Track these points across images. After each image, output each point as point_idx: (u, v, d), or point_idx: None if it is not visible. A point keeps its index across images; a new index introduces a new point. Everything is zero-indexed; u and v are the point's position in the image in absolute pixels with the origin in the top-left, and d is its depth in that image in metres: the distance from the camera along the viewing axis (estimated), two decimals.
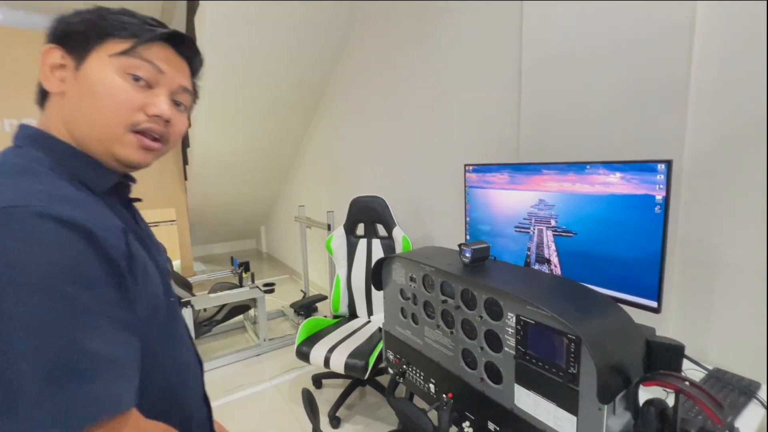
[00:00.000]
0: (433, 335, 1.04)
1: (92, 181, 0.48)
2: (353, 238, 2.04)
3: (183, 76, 0.53)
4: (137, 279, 0.44)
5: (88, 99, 0.47)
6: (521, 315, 0.77)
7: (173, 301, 0.55)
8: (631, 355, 0.73)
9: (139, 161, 0.50)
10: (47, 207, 0.38)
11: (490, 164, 1.16)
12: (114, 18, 0.48)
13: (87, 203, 0.44)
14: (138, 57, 0.47)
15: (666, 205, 0.77)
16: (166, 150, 0.54)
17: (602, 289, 0.91)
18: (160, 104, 0.49)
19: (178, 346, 0.55)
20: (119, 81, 0.47)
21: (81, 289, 0.37)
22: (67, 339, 0.36)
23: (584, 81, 1.22)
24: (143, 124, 0.48)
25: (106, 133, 0.47)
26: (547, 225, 1.01)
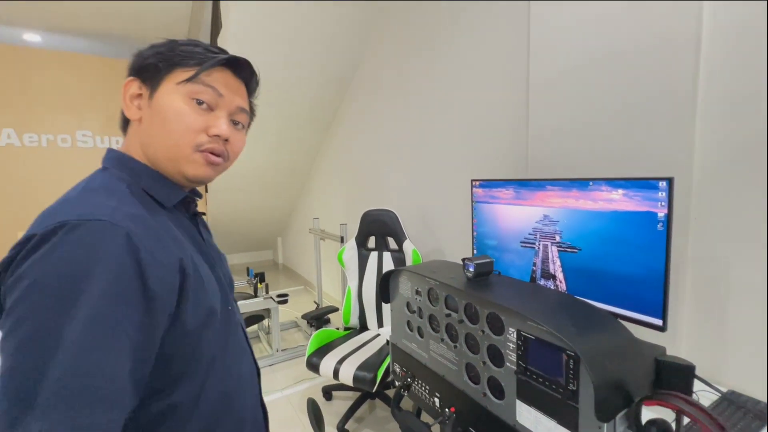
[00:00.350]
0: (438, 349, 1.05)
1: (162, 196, 0.54)
2: (364, 251, 2.07)
3: (240, 98, 0.58)
4: (188, 295, 0.48)
5: (160, 124, 0.53)
6: (522, 330, 0.78)
7: (231, 311, 0.59)
8: (634, 373, 0.72)
9: (205, 177, 0.56)
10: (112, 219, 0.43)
11: (495, 180, 1.18)
12: (181, 49, 0.54)
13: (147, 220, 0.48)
14: (200, 83, 0.53)
15: (668, 222, 0.77)
16: (226, 166, 0.59)
17: (608, 306, 0.91)
18: (220, 125, 0.54)
19: (235, 353, 0.58)
20: (185, 106, 0.52)
21: (113, 306, 0.40)
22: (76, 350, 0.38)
23: (592, 96, 1.23)
24: (206, 145, 0.54)
25: (176, 154, 0.53)
26: (551, 240, 1.02)
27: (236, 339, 0.60)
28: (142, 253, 0.43)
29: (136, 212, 0.47)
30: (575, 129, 1.28)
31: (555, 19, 1.31)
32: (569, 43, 1.27)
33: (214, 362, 0.53)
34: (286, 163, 3.64)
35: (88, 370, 0.38)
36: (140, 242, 0.44)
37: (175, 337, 0.47)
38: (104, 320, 0.40)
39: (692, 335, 1.05)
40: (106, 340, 0.39)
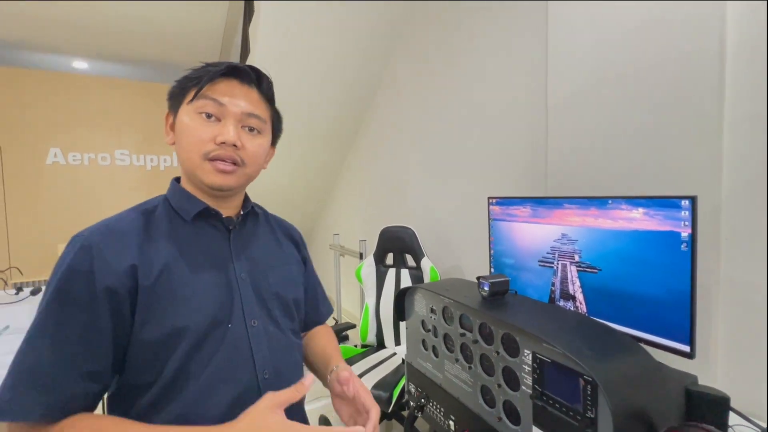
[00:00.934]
0: (452, 369, 1.02)
1: (184, 210, 0.60)
2: (382, 268, 2.07)
3: (248, 103, 0.60)
4: (144, 307, 0.51)
5: (179, 141, 0.59)
6: (537, 353, 0.76)
7: (233, 330, 0.56)
8: (659, 402, 0.68)
9: (220, 184, 0.59)
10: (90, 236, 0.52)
11: (512, 197, 1.17)
12: (191, 73, 0.59)
13: (132, 235, 0.55)
14: (203, 97, 0.57)
15: (693, 242, 0.74)
16: (249, 171, 0.62)
17: (630, 329, 0.87)
18: (226, 133, 0.57)
19: (218, 378, 0.54)
20: (193, 121, 0.57)
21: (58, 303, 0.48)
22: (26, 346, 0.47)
23: (612, 112, 1.21)
24: (214, 152, 0.57)
25: (191, 165, 0.58)
26: (570, 260, 0.99)
27: (227, 361, 0.55)
28: (95, 262, 0.49)
29: (117, 227, 0.54)
30: (595, 146, 1.26)
31: (574, 35, 1.31)
32: (588, 60, 1.27)
33: (177, 382, 0.52)
34: (307, 181, 3.73)
35: (31, 358, 0.46)
36: (99, 253, 0.50)
37: (133, 344, 0.51)
38: (48, 317, 0.47)
39: (727, 364, 0.99)
40: (45, 333, 0.47)
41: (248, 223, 0.69)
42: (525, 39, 1.57)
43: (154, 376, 0.52)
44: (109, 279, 0.49)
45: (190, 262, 0.56)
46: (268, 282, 0.64)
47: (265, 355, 0.60)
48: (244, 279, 0.61)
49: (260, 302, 0.62)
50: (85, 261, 0.49)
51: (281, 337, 0.63)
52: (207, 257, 0.59)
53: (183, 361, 0.52)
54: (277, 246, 0.72)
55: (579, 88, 1.31)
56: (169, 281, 0.53)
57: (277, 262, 0.69)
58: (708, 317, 0.99)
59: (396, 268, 2.03)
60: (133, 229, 0.54)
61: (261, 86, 0.63)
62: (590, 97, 1.27)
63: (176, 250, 0.56)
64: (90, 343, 0.48)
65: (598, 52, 1.24)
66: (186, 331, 0.53)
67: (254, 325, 0.59)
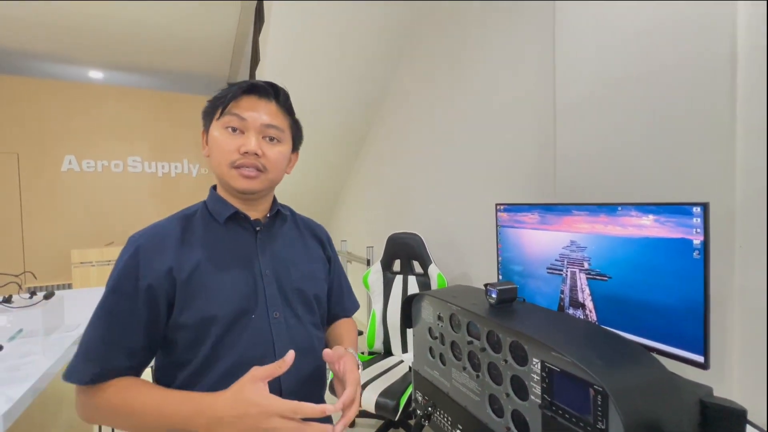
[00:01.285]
0: (460, 378, 1.01)
1: (217, 213, 0.69)
2: (390, 274, 2.07)
3: (267, 116, 0.68)
4: (180, 297, 0.61)
5: (211, 153, 0.69)
6: (546, 361, 0.74)
7: (256, 320, 0.65)
8: (671, 413, 0.66)
9: (246, 188, 0.67)
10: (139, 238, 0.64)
11: (520, 204, 1.16)
12: (219, 93, 0.69)
13: (172, 238, 0.65)
14: (228, 114, 0.66)
15: (705, 250, 0.73)
16: (271, 176, 0.70)
17: (642, 339, 0.85)
18: (248, 144, 0.65)
19: (241, 360, 0.62)
20: (221, 135, 0.66)
21: (113, 293, 0.60)
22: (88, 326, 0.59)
23: (621, 118, 1.20)
24: (239, 161, 0.66)
25: (221, 173, 0.67)
26: (579, 267, 0.98)
27: (250, 347, 0.64)
28: (141, 263, 0.61)
29: (161, 231, 0.65)
30: (604, 151, 1.25)
31: (581, 39, 1.31)
32: (596, 64, 1.26)
33: (209, 361, 0.61)
34: (315, 187, 3.76)
35: (89, 335, 0.59)
36: (145, 255, 0.61)
37: (175, 329, 0.61)
38: (104, 304, 0.60)
39: (743, 375, 0.96)
40: (100, 317, 0.59)
41: (275, 224, 0.76)
42: (532, 44, 1.57)
43: (192, 355, 0.62)
44: (150, 279, 0.60)
45: (220, 259, 0.65)
46: (291, 278, 0.71)
47: (285, 344, 0.66)
48: (268, 275, 0.68)
49: (282, 296, 0.69)
50: (134, 263, 0.61)
51: (301, 329, 0.70)
52: (235, 255, 0.67)
53: (214, 344, 0.61)
54: (302, 245, 0.79)
55: (587, 93, 1.30)
56: (201, 276, 0.62)
57: (300, 259, 0.75)
58: (723, 327, 0.96)
59: (403, 274, 2.02)
60: (172, 235, 0.65)
61: (279, 99, 0.71)
62: (598, 101, 1.27)
63: (209, 250, 0.65)
64: (131, 327, 0.59)
65: (606, 56, 1.23)
66: (215, 319, 0.62)
67: (276, 316, 0.67)
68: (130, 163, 4.64)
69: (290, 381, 0.66)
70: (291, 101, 0.74)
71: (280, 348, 0.66)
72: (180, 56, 4.38)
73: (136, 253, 0.61)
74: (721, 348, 0.96)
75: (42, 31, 3.68)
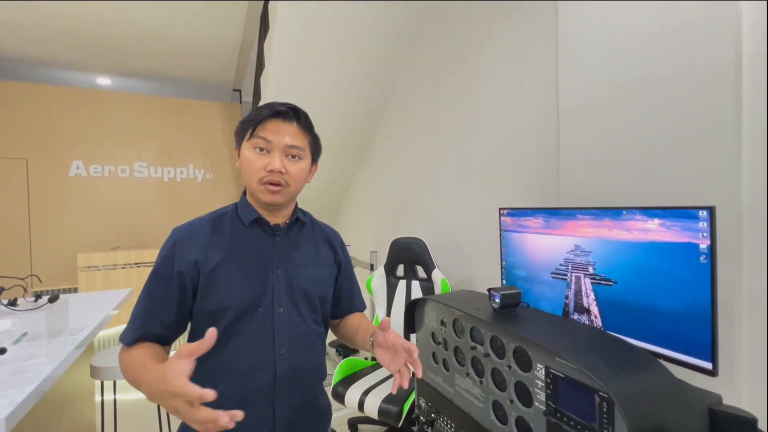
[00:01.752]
0: (463, 384, 1.00)
1: (244, 217, 0.80)
2: (393, 279, 2.06)
3: (290, 137, 0.77)
4: (201, 286, 0.73)
5: (243, 169, 0.79)
6: (550, 367, 0.73)
7: (262, 313, 0.75)
8: (680, 421, 0.65)
9: (270, 201, 0.78)
10: (178, 231, 0.77)
11: (524, 208, 1.15)
12: (248, 117, 0.79)
13: (203, 233, 0.77)
14: (255, 136, 0.76)
15: (712, 254, 0.72)
16: (292, 190, 0.79)
17: (648, 345, 0.84)
18: (273, 163, 0.75)
19: (244, 345, 0.74)
20: (250, 154, 0.76)
21: (154, 276, 0.74)
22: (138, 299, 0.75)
23: (626, 122, 1.19)
24: (266, 178, 0.75)
25: (251, 187, 0.78)
26: (584, 272, 0.97)
27: (254, 335, 0.74)
28: (177, 253, 0.74)
29: (196, 227, 0.78)
30: (608, 155, 1.24)
31: (584, 43, 1.31)
32: (600, 68, 1.26)
33: (221, 343, 0.70)
34: (318, 193, 3.77)
35: (135, 308, 0.74)
36: (180, 246, 0.74)
37: (198, 312, 0.74)
38: (148, 284, 0.74)
39: (753, 383, 0.94)
40: (144, 294, 0.74)
41: (293, 230, 0.86)
42: (535, 47, 1.57)
43: None
44: (181, 266, 0.73)
45: (240, 258, 0.77)
46: (299, 279, 0.80)
47: (284, 336, 0.76)
48: (279, 275, 0.78)
49: (289, 295, 0.78)
50: (171, 253, 0.74)
51: (301, 324, 0.79)
52: (254, 256, 0.78)
53: (226, 329, 0.72)
54: (315, 250, 0.87)
55: (590, 97, 1.30)
56: (222, 271, 0.74)
57: (310, 263, 0.84)
58: (731, 334, 0.94)
59: (406, 279, 2.02)
60: (203, 232, 0.77)
61: (299, 120, 0.80)
62: (602, 105, 1.26)
63: (232, 248, 0.77)
64: (165, 303, 0.73)
65: (609, 59, 1.23)
66: (229, 308, 0.73)
67: (280, 312, 0.76)
68: (137, 168, 4.68)
69: (284, 367, 0.75)
70: (311, 120, 0.84)
71: (279, 339, 0.76)
72: (186, 63, 4.43)
73: (173, 245, 0.75)
74: (730, 356, 0.94)
75: (51, 39, 3.75)
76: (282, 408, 0.75)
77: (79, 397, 1.61)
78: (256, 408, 0.73)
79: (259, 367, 0.73)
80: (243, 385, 0.73)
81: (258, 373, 0.73)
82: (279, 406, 0.75)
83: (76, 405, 1.55)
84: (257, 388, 0.73)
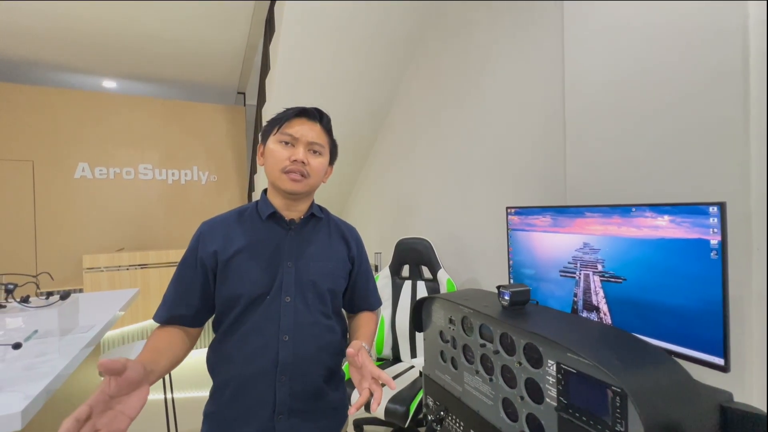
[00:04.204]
0: (472, 381, 1.00)
1: (262, 212, 0.86)
2: (398, 280, 2.06)
3: (312, 134, 0.85)
4: (218, 275, 0.81)
5: (267, 161, 0.85)
6: (562, 363, 0.74)
7: (269, 301, 0.80)
8: (693, 417, 0.65)
9: (292, 189, 0.83)
10: (204, 225, 0.86)
11: (531, 207, 1.16)
12: (276, 116, 0.86)
13: (225, 226, 0.85)
14: (282, 132, 0.84)
15: (723, 250, 0.72)
16: (312, 182, 0.86)
17: (659, 341, 0.84)
18: (297, 154, 0.82)
19: (252, 330, 0.79)
20: (276, 147, 0.84)
21: (181, 263, 0.83)
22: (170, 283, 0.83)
23: (631, 120, 1.19)
24: (288, 167, 0.82)
25: (274, 176, 0.84)
26: (593, 270, 0.97)
27: (261, 321, 0.79)
28: (200, 242, 0.82)
29: (220, 221, 0.86)
30: (614, 154, 1.25)
31: (592, 43, 1.32)
32: (605, 67, 1.27)
33: (232, 327, 0.80)
34: (323, 194, 3.78)
35: (167, 291, 0.82)
36: (204, 238, 0.83)
37: (217, 298, 0.82)
38: (178, 270, 0.83)
39: (763, 380, 0.93)
40: (174, 279, 0.82)
41: (308, 225, 0.90)
42: (541, 46, 1.58)
43: (224, 318, 0.82)
44: (203, 254, 0.81)
45: (254, 250, 0.82)
46: (309, 271, 0.85)
47: (288, 324, 0.80)
48: (289, 267, 0.83)
49: (298, 286, 0.83)
50: (196, 243, 0.83)
51: (307, 315, 0.83)
52: (268, 248, 0.83)
53: (237, 315, 0.80)
54: (328, 245, 0.91)
55: (596, 97, 1.31)
56: (238, 261, 0.80)
57: (322, 257, 0.88)
58: (740, 331, 0.94)
59: (412, 280, 2.02)
60: (225, 225, 0.85)
61: (322, 122, 0.88)
62: (607, 105, 1.27)
63: (248, 241, 0.83)
64: (191, 287, 0.81)
65: (615, 59, 1.24)
66: (241, 297, 0.79)
67: (287, 301, 0.81)
68: (141, 170, 4.70)
69: (286, 353, 0.79)
70: (331, 124, 0.91)
71: (283, 326, 0.80)
72: (191, 66, 4.46)
73: (198, 237, 0.83)
74: (738, 353, 0.94)
75: (57, 43, 3.79)
76: (282, 393, 0.78)
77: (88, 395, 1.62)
78: (258, 391, 0.78)
79: (262, 352, 0.78)
80: (247, 368, 0.78)
81: (261, 358, 0.78)
82: (279, 390, 0.78)
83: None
84: (260, 371, 0.78)
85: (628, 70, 1.21)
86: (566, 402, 0.73)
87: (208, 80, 4.92)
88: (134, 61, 4.26)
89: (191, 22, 3.54)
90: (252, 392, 0.78)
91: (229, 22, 3.59)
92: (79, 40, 3.74)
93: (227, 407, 0.78)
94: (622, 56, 1.23)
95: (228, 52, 4.20)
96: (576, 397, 0.71)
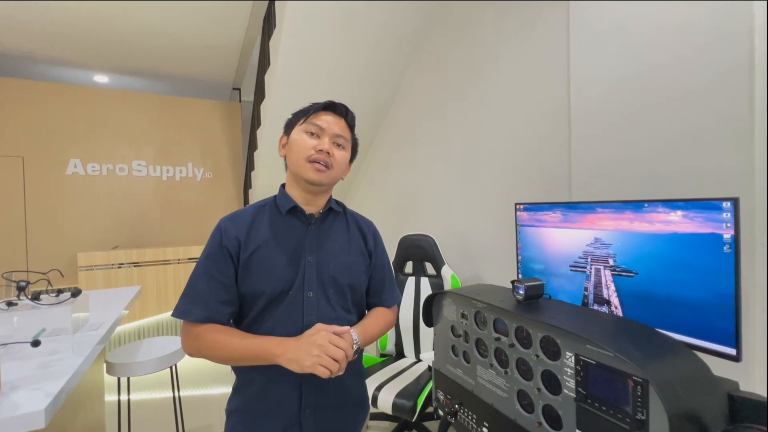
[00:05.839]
0: (485, 375, 1.02)
1: (281, 206, 0.87)
2: (402, 276, 2.07)
3: (338, 128, 0.87)
4: (239, 267, 0.80)
5: (291, 150, 0.86)
6: (581, 354, 0.75)
7: (292, 296, 0.81)
8: (710, 405, 0.67)
9: (315, 179, 0.83)
10: (223, 219, 0.85)
11: (542, 203, 1.17)
12: (303, 109, 0.88)
13: (245, 220, 0.85)
14: (309, 123, 0.85)
15: (736, 244, 0.74)
16: (334, 173, 0.86)
17: (671, 332, 0.86)
18: (322, 144, 0.84)
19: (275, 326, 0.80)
20: (301, 137, 0.85)
21: (206, 258, 0.81)
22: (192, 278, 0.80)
23: (636, 117, 1.22)
24: (313, 156, 0.83)
25: (297, 165, 0.84)
26: (604, 264, 0.99)
27: (284, 315, 0.80)
28: (222, 234, 0.81)
29: (239, 215, 0.85)
30: (619, 151, 1.27)
31: (597, 42, 1.34)
32: (611, 65, 1.29)
33: (255, 321, 0.81)
34: None
35: (193, 286, 0.79)
36: (225, 228, 0.82)
37: (240, 292, 0.81)
38: (202, 265, 0.80)
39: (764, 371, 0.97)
40: (200, 273, 0.80)
41: (327, 219, 0.91)
42: (545, 46, 1.59)
43: (247, 311, 0.82)
44: (226, 241, 0.80)
45: (275, 245, 0.82)
46: (329, 267, 0.85)
47: (312, 318, 0.81)
48: (310, 262, 0.83)
49: (319, 281, 0.83)
50: (218, 236, 0.82)
51: (329, 309, 0.84)
52: (288, 243, 0.84)
53: (259, 310, 0.80)
54: (346, 240, 0.91)
55: (601, 95, 1.33)
56: (259, 258, 0.80)
57: (341, 252, 0.88)
58: (746, 324, 0.97)
59: (416, 276, 2.03)
60: (247, 218, 0.84)
61: (347, 118, 0.90)
62: (613, 103, 1.29)
63: (269, 236, 0.83)
64: (222, 282, 0.79)
65: (620, 57, 1.26)
66: (263, 293, 0.80)
67: (310, 296, 0.82)
68: (135, 167, 4.64)
69: None
70: (355, 121, 0.93)
71: (307, 320, 0.81)
72: (186, 61, 4.40)
73: (219, 230, 0.83)
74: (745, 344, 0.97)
75: (48, 36, 3.70)
76: (308, 387, 0.80)
77: (92, 395, 1.60)
78: (284, 387, 0.79)
79: None
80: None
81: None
82: (305, 385, 0.80)
83: (88, 403, 1.54)
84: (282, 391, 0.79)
85: (633, 69, 1.23)
86: (585, 393, 0.75)
87: (203, 75, 4.86)
88: (127, 55, 4.18)
89: (186, 16, 3.49)
90: (278, 388, 0.79)
91: (225, 16, 3.55)
92: (72, 33, 3.66)
93: (253, 403, 0.79)
94: (627, 54, 1.25)
95: (224, 47, 4.15)
96: (595, 388, 0.73)
